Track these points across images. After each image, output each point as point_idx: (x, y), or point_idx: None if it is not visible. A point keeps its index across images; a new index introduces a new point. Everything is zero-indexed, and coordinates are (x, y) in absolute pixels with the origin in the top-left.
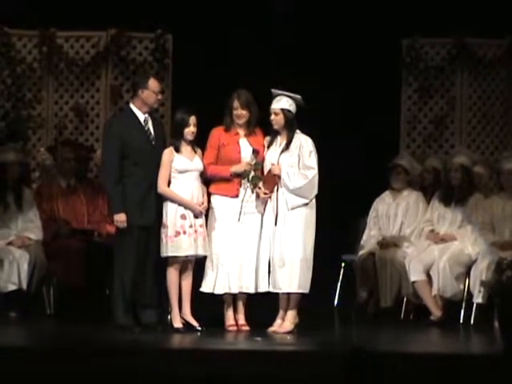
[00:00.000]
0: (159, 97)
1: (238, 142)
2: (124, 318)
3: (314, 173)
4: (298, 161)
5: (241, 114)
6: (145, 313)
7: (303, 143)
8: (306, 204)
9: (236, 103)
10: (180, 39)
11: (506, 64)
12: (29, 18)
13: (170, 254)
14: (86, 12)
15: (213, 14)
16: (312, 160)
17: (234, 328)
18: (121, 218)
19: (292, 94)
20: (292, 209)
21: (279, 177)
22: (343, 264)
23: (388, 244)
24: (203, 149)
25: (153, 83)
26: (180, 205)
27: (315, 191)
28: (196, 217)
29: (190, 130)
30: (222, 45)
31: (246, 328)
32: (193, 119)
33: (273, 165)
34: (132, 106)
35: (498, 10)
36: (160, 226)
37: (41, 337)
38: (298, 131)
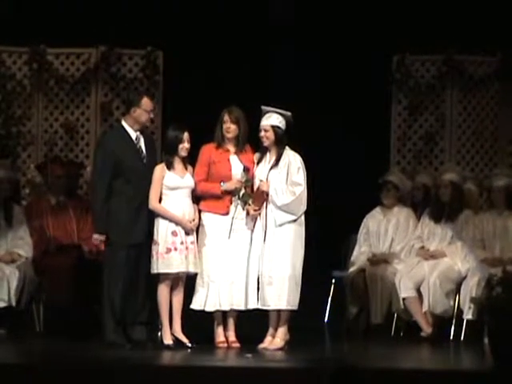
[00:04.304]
0: (151, 115)
1: (228, 160)
2: (114, 334)
3: (301, 189)
4: (286, 177)
5: (230, 127)
6: (135, 330)
7: (291, 160)
8: (295, 220)
9: (226, 117)
10: (170, 56)
11: (495, 81)
12: (19, 35)
13: (160, 271)
14: (76, 29)
15: (203, 30)
16: (300, 176)
17: (225, 345)
18: (100, 238)
19: (282, 111)
20: (280, 225)
21: (267, 193)
22: (334, 280)
23: (378, 260)
24: (193, 165)
25: (146, 102)
26: (171, 221)
27: (303, 207)
28: (187, 233)
29: (183, 147)
30: (212, 62)
31: (237, 345)
32: (186, 135)
33: (261, 181)
34: (124, 123)
35: (488, 28)
36: (151, 242)
37: (30, 354)
38: (286, 148)
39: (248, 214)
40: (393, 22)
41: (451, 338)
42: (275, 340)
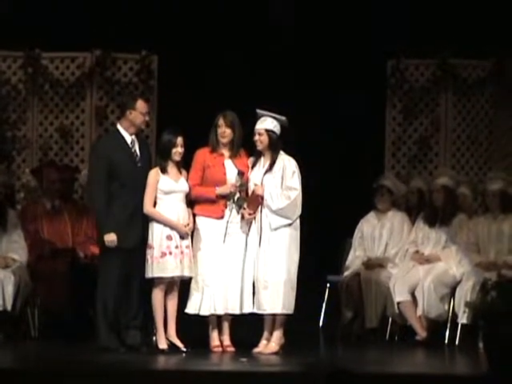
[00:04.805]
0: (146, 118)
1: (223, 164)
2: (107, 339)
3: (296, 193)
4: (281, 181)
5: (224, 132)
6: (129, 334)
7: (286, 164)
8: (290, 224)
9: (221, 121)
10: (165, 60)
11: (490, 85)
12: (14, 39)
13: (155, 275)
14: (70, 33)
15: (198, 35)
16: (295, 181)
17: (219, 349)
18: (111, 238)
19: (277, 115)
20: (275, 229)
21: (262, 197)
22: (328, 285)
23: (373, 265)
24: (188, 170)
25: (141, 104)
26: (166, 226)
27: (298, 212)
28: (182, 238)
29: (177, 151)
30: (207, 66)
31: (231, 349)
32: (180, 140)
33: (256, 185)
34: (119, 126)
35: (482, 32)
36: (145, 247)
37: (25, 358)
38: (281, 152)
39: (243, 217)
40: (388, 27)
41: (446, 342)
42: (270, 344)
